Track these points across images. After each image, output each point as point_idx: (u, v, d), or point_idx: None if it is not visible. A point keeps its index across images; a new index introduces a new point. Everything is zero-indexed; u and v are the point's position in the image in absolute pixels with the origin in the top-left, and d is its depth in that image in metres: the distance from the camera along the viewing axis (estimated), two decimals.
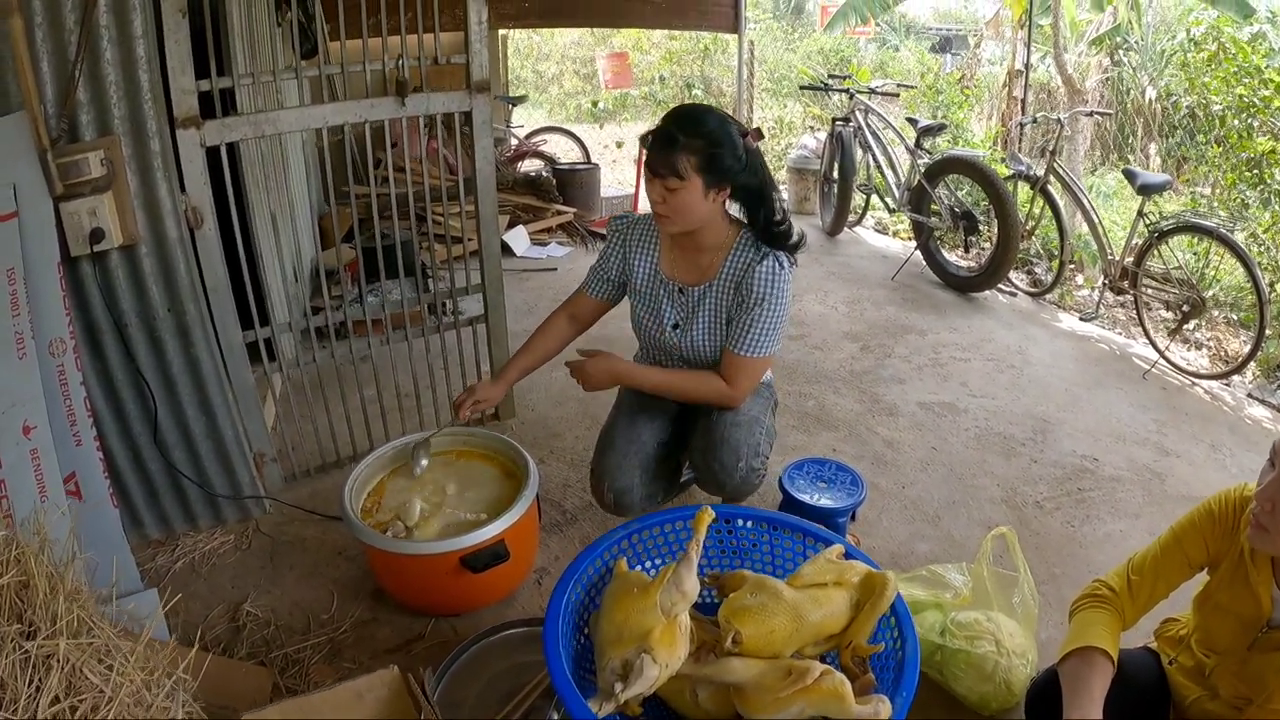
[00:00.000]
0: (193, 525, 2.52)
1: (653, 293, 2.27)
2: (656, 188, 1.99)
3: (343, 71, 2.44)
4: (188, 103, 2.15)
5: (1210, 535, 1.55)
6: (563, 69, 13.42)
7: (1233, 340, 4.40)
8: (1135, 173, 4.05)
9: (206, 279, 2.30)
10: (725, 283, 2.15)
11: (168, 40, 2.08)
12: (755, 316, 2.09)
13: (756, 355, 2.12)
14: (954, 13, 16.70)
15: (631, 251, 2.28)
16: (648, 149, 2.00)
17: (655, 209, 2.05)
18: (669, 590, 1.49)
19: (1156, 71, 7.36)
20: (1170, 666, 1.65)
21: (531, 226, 5.71)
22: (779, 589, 1.58)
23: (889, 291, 4.87)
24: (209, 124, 2.21)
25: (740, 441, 2.19)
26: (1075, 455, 3.10)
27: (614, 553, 1.77)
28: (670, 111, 2.05)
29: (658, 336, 2.29)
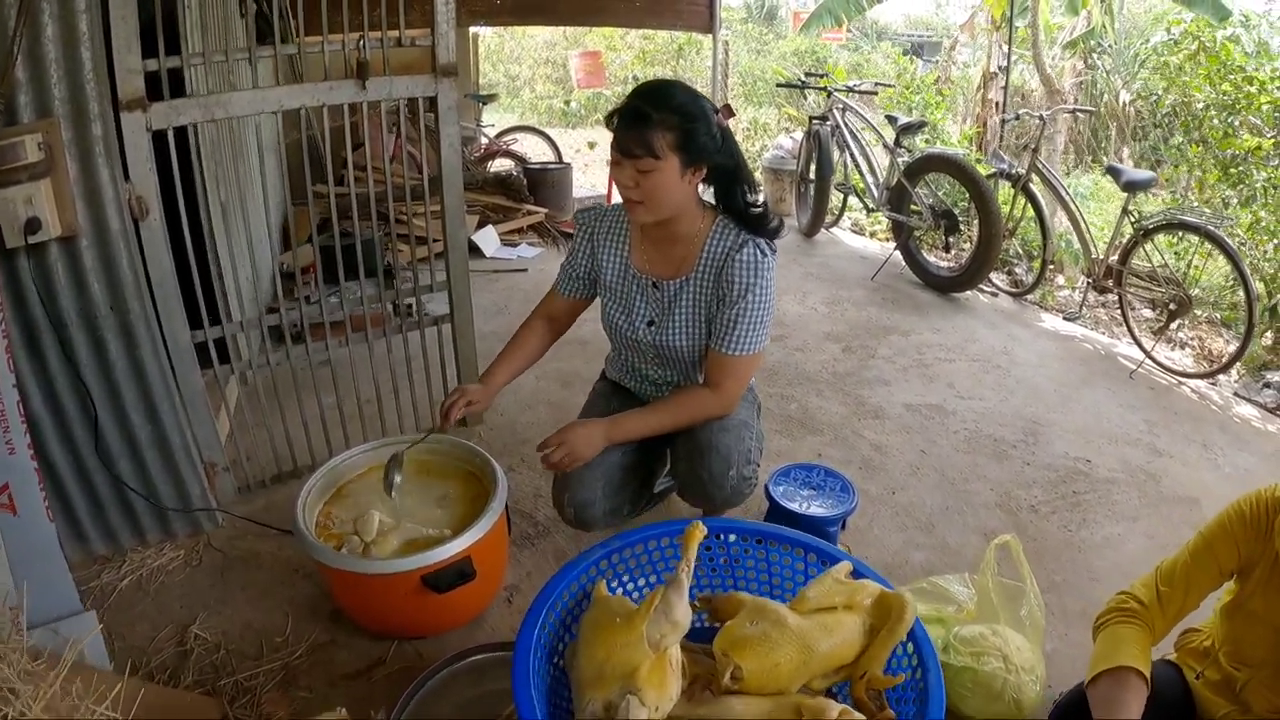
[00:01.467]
0: (141, 539, 2.34)
1: (624, 288, 2.10)
2: (627, 171, 1.81)
3: (299, 53, 2.26)
4: (133, 83, 1.98)
5: (1243, 539, 1.43)
6: (535, 72, 13.28)
7: (1215, 339, 4.35)
8: (1120, 169, 3.98)
9: (152, 274, 2.11)
10: (704, 275, 1.98)
11: (113, 16, 1.91)
12: (740, 310, 1.92)
13: (745, 353, 1.95)
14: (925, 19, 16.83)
15: (600, 245, 2.12)
16: (617, 127, 1.81)
17: (626, 195, 1.85)
18: (657, 620, 1.31)
19: (1130, 74, 7.37)
20: (1197, 681, 1.54)
21: (501, 227, 5.55)
22: (783, 615, 1.40)
23: (869, 292, 4.77)
24: (155, 106, 2.03)
25: (730, 448, 2.01)
26: (1068, 457, 3.01)
27: (592, 575, 1.58)
28: (637, 88, 1.87)
29: (630, 335, 2.12)
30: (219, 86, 2.73)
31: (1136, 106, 7.10)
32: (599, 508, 2.07)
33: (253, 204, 3.64)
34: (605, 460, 2.06)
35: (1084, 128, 7.42)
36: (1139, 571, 2.35)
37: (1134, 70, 7.38)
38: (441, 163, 2.54)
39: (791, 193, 6.17)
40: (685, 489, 2.14)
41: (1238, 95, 4.49)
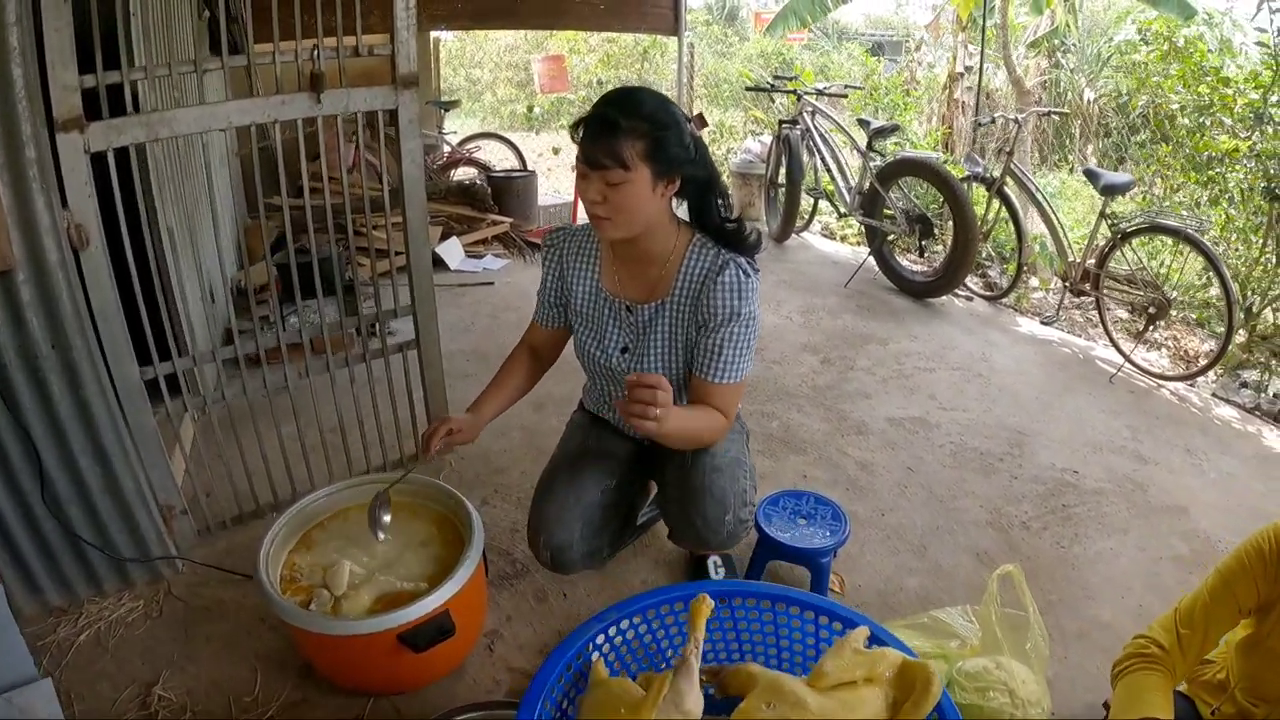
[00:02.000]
0: (97, 589, 2.18)
1: (595, 313, 1.97)
2: (594, 184, 1.66)
3: (249, 65, 2.10)
4: (69, 101, 1.81)
5: (1262, 578, 1.38)
6: (496, 76, 13.13)
7: (1190, 339, 4.34)
8: (1098, 173, 3.94)
9: (95, 308, 1.95)
10: (681, 298, 1.85)
11: (47, 28, 1.74)
12: (725, 337, 1.79)
13: (733, 381, 1.83)
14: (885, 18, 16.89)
15: (568, 268, 1.98)
16: (584, 137, 1.67)
17: (593, 211, 1.71)
18: (667, 710, 1.19)
19: (1093, 73, 7.40)
20: (1212, 716, 1.49)
21: (466, 238, 5.41)
22: (801, 695, 1.27)
23: (843, 299, 4.70)
24: (94, 126, 1.86)
25: (725, 490, 1.88)
26: (1055, 469, 2.95)
27: (588, 653, 1.44)
28: (604, 96, 1.74)
29: (604, 363, 1.98)
30: (163, 103, 2.58)
31: (1100, 104, 7.13)
32: (577, 550, 1.95)
33: (204, 223, 3.48)
34: (584, 499, 1.95)
35: (1048, 126, 7.44)
36: (1134, 587, 2.36)
37: (1097, 68, 7.42)
38: (403, 177, 2.41)
39: (761, 197, 6.10)
40: (677, 534, 2.01)
41: (1213, 97, 4.49)
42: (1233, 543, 2.54)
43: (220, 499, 2.48)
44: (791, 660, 1.55)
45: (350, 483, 2.06)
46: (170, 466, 2.25)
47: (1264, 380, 3.78)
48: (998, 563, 2.36)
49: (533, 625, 2.12)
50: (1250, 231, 4.28)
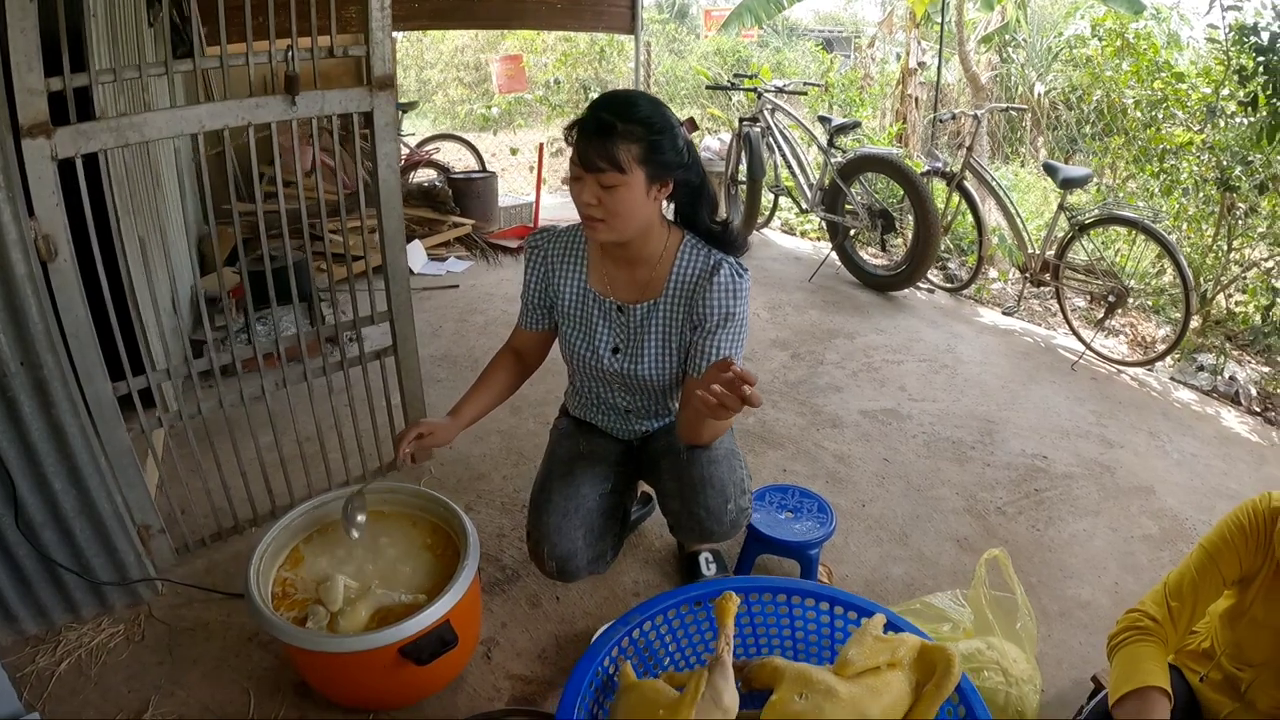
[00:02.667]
0: (75, 615, 2.11)
1: (583, 313, 1.96)
2: (589, 187, 1.68)
3: (222, 66, 2.03)
4: (35, 106, 1.74)
5: (1244, 551, 1.44)
6: (447, 77, 13.01)
7: (1147, 326, 4.46)
8: (1057, 167, 4.03)
9: (65, 323, 1.88)
10: (674, 298, 1.85)
11: (11, 30, 1.67)
12: (722, 339, 1.81)
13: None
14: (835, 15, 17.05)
15: (554, 269, 1.97)
16: (578, 140, 1.68)
17: (586, 214, 1.72)
18: (707, 707, 1.18)
19: (1044, 67, 7.55)
20: (1200, 683, 1.54)
21: (428, 241, 5.36)
22: (831, 684, 1.28)
23: (808, 294, 4.75)
24: (61, 131, 1.79)
25: (724, 480, 1.90)
26: (1025, 455, 3.02)
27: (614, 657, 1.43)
28: (599, 98, 1.74)
29: (594, 363, 1.97)
30: (132, 107, 2.50)
31: (1051, 99, 7.28)
32: (582, 558, 1.95)
33: (171, 230, 3.40)
34: (584, 507, 1.95)
35: (1001, 120, 7.57)
36: (1109, 566, 2.43)
37: (1047, 63, 7.57)
38: (379, 182, 2.38)
39: (721, 195, 6.12)
40: (680, 527, 2.01)
41: (1167, 92, 4.61)
42: (1200, 520, 2.65)
43: (197, 516, 2.42)
44: (808, 652, 1.56)
45: (336, 495, 2.01)
46: (146, 485, 2.19)
47: (1219, 364, 3.90)
48: (978, 548, 2.42)
49: (529, 631, 2.11)
50: (1202, 220, 4.41)
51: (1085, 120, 6.34)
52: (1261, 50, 3.68)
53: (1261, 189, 4.00)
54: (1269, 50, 3.66)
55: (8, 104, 1.71)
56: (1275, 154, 3.90)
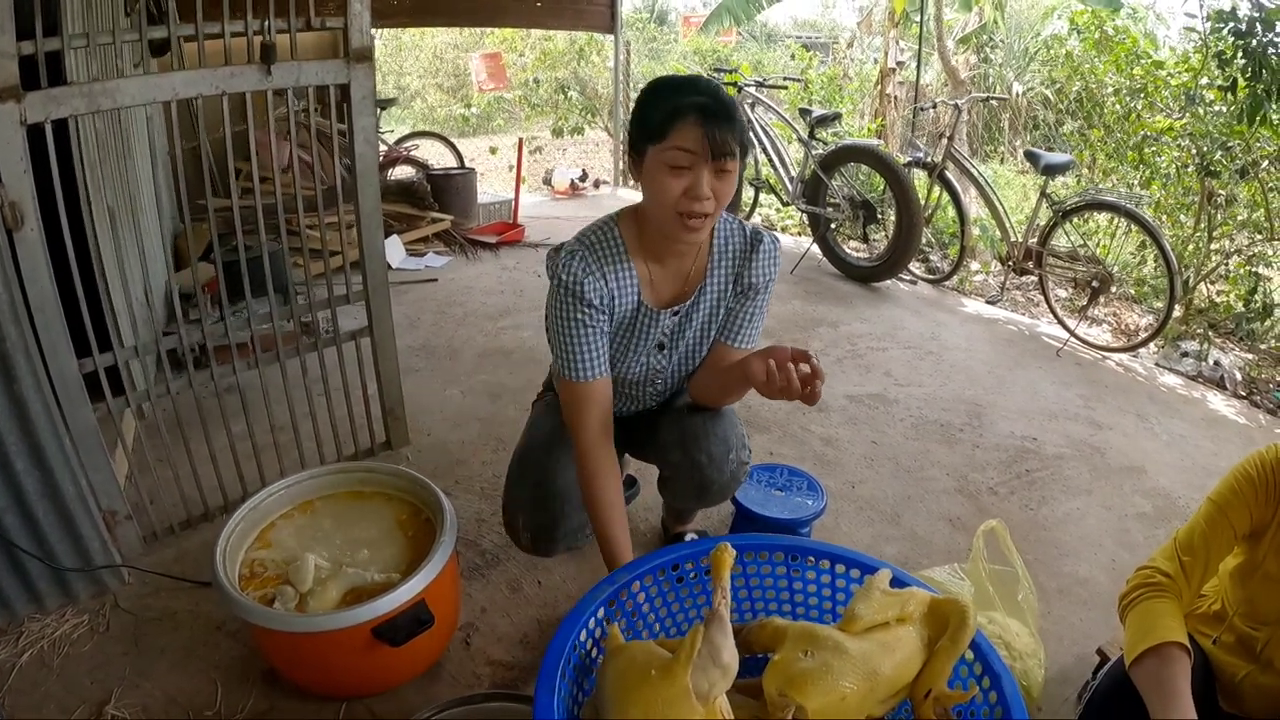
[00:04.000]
0: (38, 605, 2.00)
1: (634, 325, 1.79)
2: (705, 177, 1.50)
3: (197, 35, 1.95)
4: (6, 69, 1.66)
5: (1254, 503, 1.39)
6: (425, 83, 12.95)
7: (1129, 315, 4.45)
8: (1038, 154, 4.01)
9: (30, 294, 1.79)
10: (719, 279, 1.76)
11: None
12: (758, 305, 1.78)
13: (754, 345, 1.81)
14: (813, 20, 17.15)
15: (610, 280, 1.70)
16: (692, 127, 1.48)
17: (698, 209, 1.52)
18: (704, 666, 1.08)
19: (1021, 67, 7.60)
20: (1214, 646, 1.48)
21: (407, 236, 5.28)
22: (839, 640, 1.20)
23: (790, 285, 4.69)
24: (31, 96, 1.71)
25: (726, 432, 1.83)
26: (1014, 437, 2.98)
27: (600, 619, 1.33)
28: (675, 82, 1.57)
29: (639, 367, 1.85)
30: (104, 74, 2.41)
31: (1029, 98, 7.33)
32: (559, 529, 1.82)
33: (143, 213, 3.30)
34: (563, 476, 1.81)
35: (978, 119, 7.60)
36: (1104, 543, 2.38)
37: (1024, 63, 7.62)
38: (355, 157, 2.30)
39: None
40: (678, 480, 1.89)
41: (1147, 79, 4.62)
42: (1192, 498, 2.62)
43: (166, 504, 2.32)
44: (808, 615, 1.48)
45: (309, 474, 1.94)
46: (113, 468, 2.09)
47: (1203, 350, 3.89)
48: (971, 527, 2.36)
49: (509, 616, 2.04)
50: (1182, 210, 4.42)
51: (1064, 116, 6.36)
52: (1239, 34, 3.69)
53: (1242, 174, 4.01)
54: (1247, 34, 3.66)
55: None
56: (1254, 139, 3.91)
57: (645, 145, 1.54)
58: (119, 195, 2.82)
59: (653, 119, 1.51)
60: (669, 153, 1.50)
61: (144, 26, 1.93)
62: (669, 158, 1.50)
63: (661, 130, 1.50)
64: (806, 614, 1.48)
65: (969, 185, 4.63)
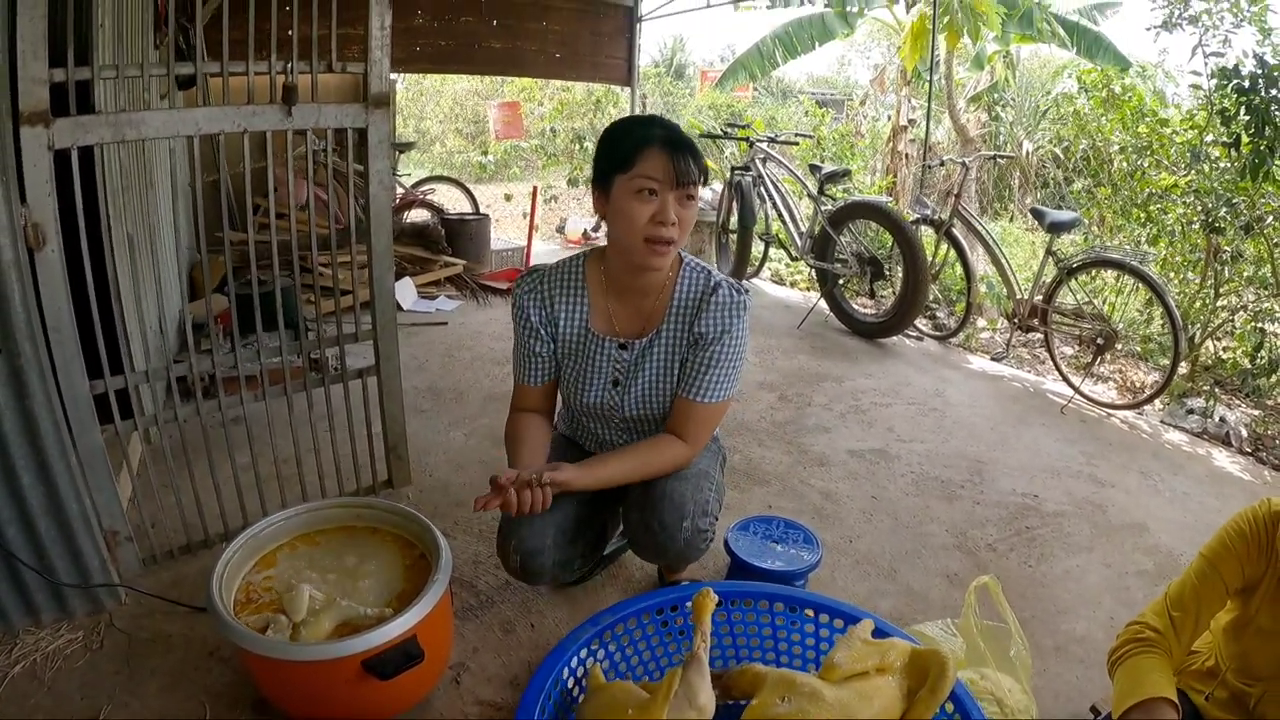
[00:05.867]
0: (34, 619, 2.03)
1: (582, 353, 1.89)
2: (671, 203, 1.62)
3: (223, 72, 2.04)
4: (37, 94, 1.73)
5: (1246, 558, 1.40)
6: (446, 128, 13.19)
7: (1135, 372, 4.45)
8: (1044, 212, 4.06)
9: (47, 314, 1.85)
10: (676, 325, 1.81)
11: (21, 17, 1.67)
12: (715, 355, 1.78)
13: (715, 401, 1.82)
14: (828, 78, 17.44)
15: (556, 305, 1.87)
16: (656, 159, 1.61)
17: (662, 235, 1.63)
18: (679, 707, 1.11)
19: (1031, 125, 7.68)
20: (1206, 702, 1.48)
21: (419, 278, 5.37)
22: (816, 688, 1.21)
23: (797, 340, 4.73)
24: (60, 122, 1.78)
25: (685, 497, 1.83)
26: (1015, 494, 2.98)
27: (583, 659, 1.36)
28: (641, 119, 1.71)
29: (592, 399, 1.92)
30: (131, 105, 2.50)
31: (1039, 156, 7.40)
32: (549, 557, 1.86)
33: (161, 244, 3.37)
34: (558, 508, 1.84)
35: (988, 177, 7.67)
36: (1103, 601, 2.37)
37: (1035, 122, 7.71)
38: (369, 199, 2.36)
39: (712, 244, 6.15)
40: (635, 541, 1.93)
41: (1152, 138, 4.68)
42: (1194, 555, 2.59)
43: (168, 528, 2.35)
44: (791, 664, 1.49)
45: (309, 506, 1.97)
46: (117, 489, 2.13)
47: (1209, 407, 3.89)
48: (968, 583, 2.34)
49: (501, 657, 2.04)
50: (1189, 267, 4.44)
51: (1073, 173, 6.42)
52: (1243, 91, 3.77)
53: (1247, 230, 4.05)
54: (1251, 91, 3.75)
55: (10, 91, 1.71)
56: (1259, 194, 3.95)
57: (613, 175, 1.64)
58: (139, 224, 2.89)
59: (620, 149, 1.63)
60: (637, 180, 1.61)
61: (171, 62, 2.00)
62: (637, 184, 1.61)
63: (629, 159, 1.60)
64: (790, 662, 1.49)
65: (976, 243, 4.67)
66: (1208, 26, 4.13)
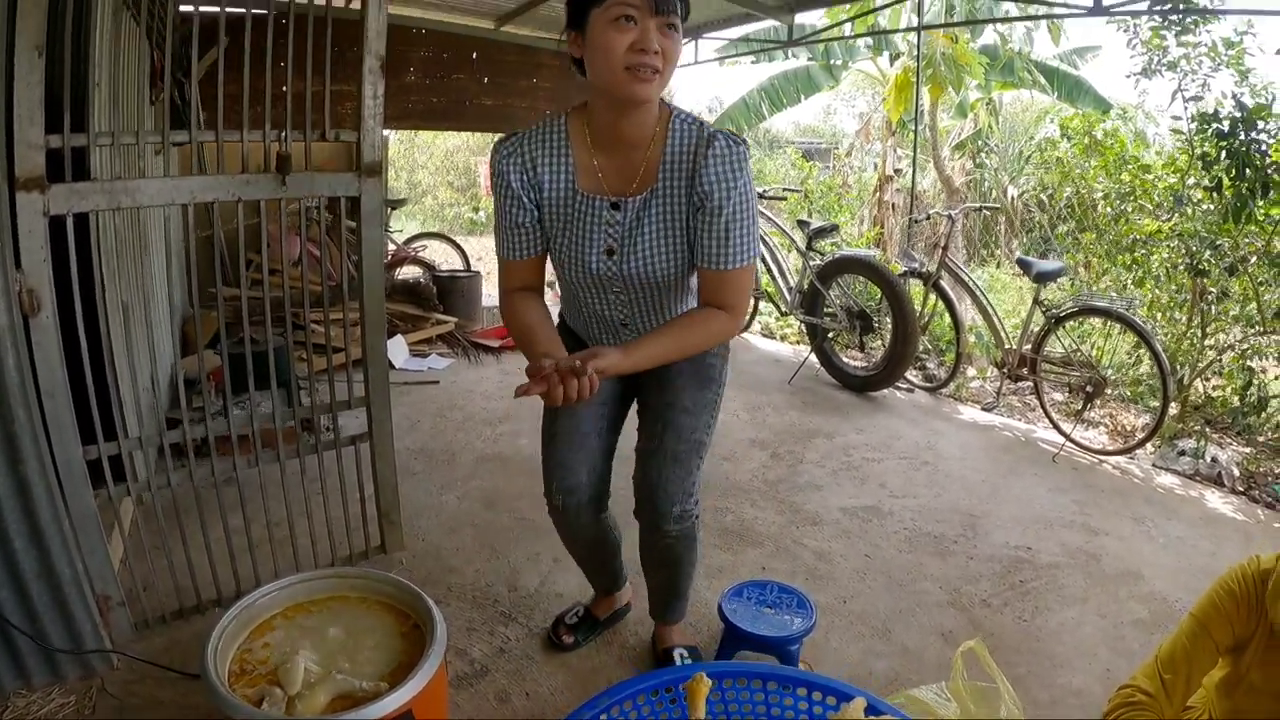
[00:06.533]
0: (25, 682, 2.02)
1: (572, 217, 1.75)
2: (653, 31, 1.50)
3: (217, 140, 2.10)
4: (33, 160, 1.77)
5: (1235, 617, 1.41)
6: (437, 180, 13.34)
7: (1126, 415, 4.48)
8: (1030, 262, 4.12)
9: (41, 379, 1.87)
10: (671, 183, 1.69)
11: (18, 83, 1.72)
12: (730, 218, 1.65)
13: (745, 264, 1.70)
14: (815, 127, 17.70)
15: (539, 165, 1.73)
16: None
17: (645, 63, 1.51)
18: None
19: (1016, 171, 7.80)
20: None
21: (411, 336, 5.40)
22: None
23: (788, 396, 4.76)
24: (56, 188, 1.83)
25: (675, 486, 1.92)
26: (1009, 547, 2.98)
27: None
28: None
29: (586, 271, 1.79)
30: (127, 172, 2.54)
31: (1024, 200, 7.50)
32: (585, 494, 2.00)
33: (156, 306, 3.41)
34: (586, 445, 1.98)
35: (976, 223, 7.77)
36: (1099, 653, 2.37)
37: (1019, 167, 7.82)
38: (362, 267, 2.40)
39: None
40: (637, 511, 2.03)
41: (1135, 184, 4.75)
42: (1188, 600, 2.59)
43: (160, 592, 2.34)
44: None
45: (303, 576, 1.96)
46: (109, 554, 2.13)
47: (1200, 447, 3.91)
48: (963, 641, 2.34)
49: None
50: (1175, 308, 4.50)
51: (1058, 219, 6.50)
52: (1223, 135, 3.85)
53: (1231, 271, 4.11)
54: (1230, 135, 3.83)
55: (6, 156, 1.74)
56: (1243, 235, 4.01)
57: (589, 9, 1.53)
58: (134, 288, 2.93)
59: None
60: (613, 8, 1.50)
61: (166, 131, 2.06)
62: (613, 12, 1.50)
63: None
64: None
65: (964, 293, 4.72)
66: (1186, 71, 4.23)
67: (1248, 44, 4.10)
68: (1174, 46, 4.24)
